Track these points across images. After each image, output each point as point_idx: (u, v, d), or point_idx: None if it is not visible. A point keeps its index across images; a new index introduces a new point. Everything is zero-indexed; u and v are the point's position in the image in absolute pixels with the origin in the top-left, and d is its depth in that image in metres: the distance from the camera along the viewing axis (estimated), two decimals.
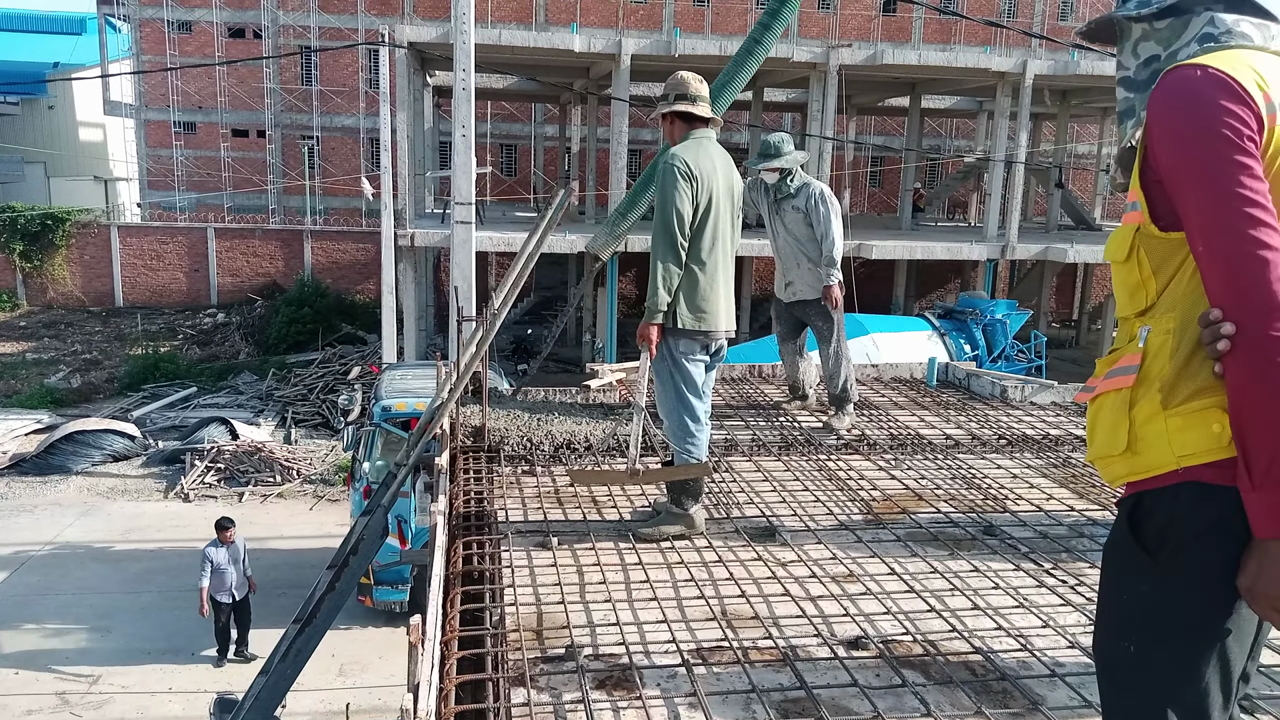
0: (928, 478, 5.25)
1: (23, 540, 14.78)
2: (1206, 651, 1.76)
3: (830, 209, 5.95)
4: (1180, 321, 1.76)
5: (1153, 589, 1.80)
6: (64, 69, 43.08)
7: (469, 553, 3.90)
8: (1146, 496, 1.81)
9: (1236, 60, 1.74)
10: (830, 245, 5.92)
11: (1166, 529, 1.77)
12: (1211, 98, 1.70)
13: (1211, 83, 1.71)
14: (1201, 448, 1.72)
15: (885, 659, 3.15)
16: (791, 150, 6.02)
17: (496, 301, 5.07)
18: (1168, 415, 1.76)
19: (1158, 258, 1.81)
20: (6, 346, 28.49)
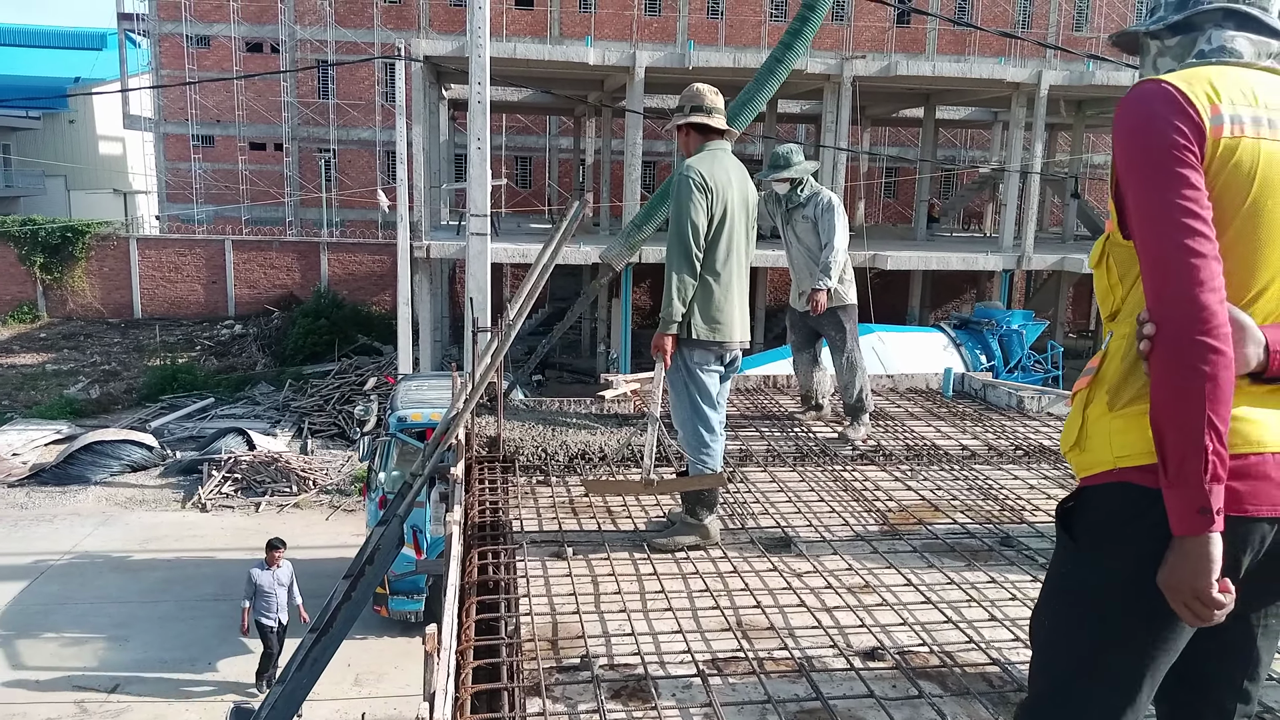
0: (944, 488, 5.23)
1: (42, 550, 14.89)
2: (1108, 641, 1.80)
3: (837, 217, 5.97)
4: (1134, 327, 1.81)
5: (1085, 584, 1.87)
6: (84, 84, 43.60)
7: (484, 562, 3.91)
8: (1085, 491, 1.89)
9: (1196, 76, 1.78)
10: (829, 251, 5.93)
11: (1096, 524, 1.83)
12: (1155, 112, 1.75)
13: (1159, 97, 1.76)
14: (1137, 450, 1.78)
15: (902, 670, 3.14)
16: (801, 160, 6.05)
17: (511, 312, 5.10)
18: (1112, 416, 1.82)
19: (1124, 265, 1.87)
20: (27, 358, 28.76)
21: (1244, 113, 1.74)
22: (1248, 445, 1.73)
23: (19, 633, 12.13)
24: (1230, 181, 1.73)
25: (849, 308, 6.16)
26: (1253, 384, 1.73)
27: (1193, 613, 1.68)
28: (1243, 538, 1.73)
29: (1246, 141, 1.72)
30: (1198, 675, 1.89)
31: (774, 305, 31.59)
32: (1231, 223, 1.74)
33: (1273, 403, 1.75)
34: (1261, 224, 1.74)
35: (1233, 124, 1.73)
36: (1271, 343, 1.72)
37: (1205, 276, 1.66)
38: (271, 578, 10.57)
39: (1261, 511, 1.71)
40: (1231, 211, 1.74)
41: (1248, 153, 1.72)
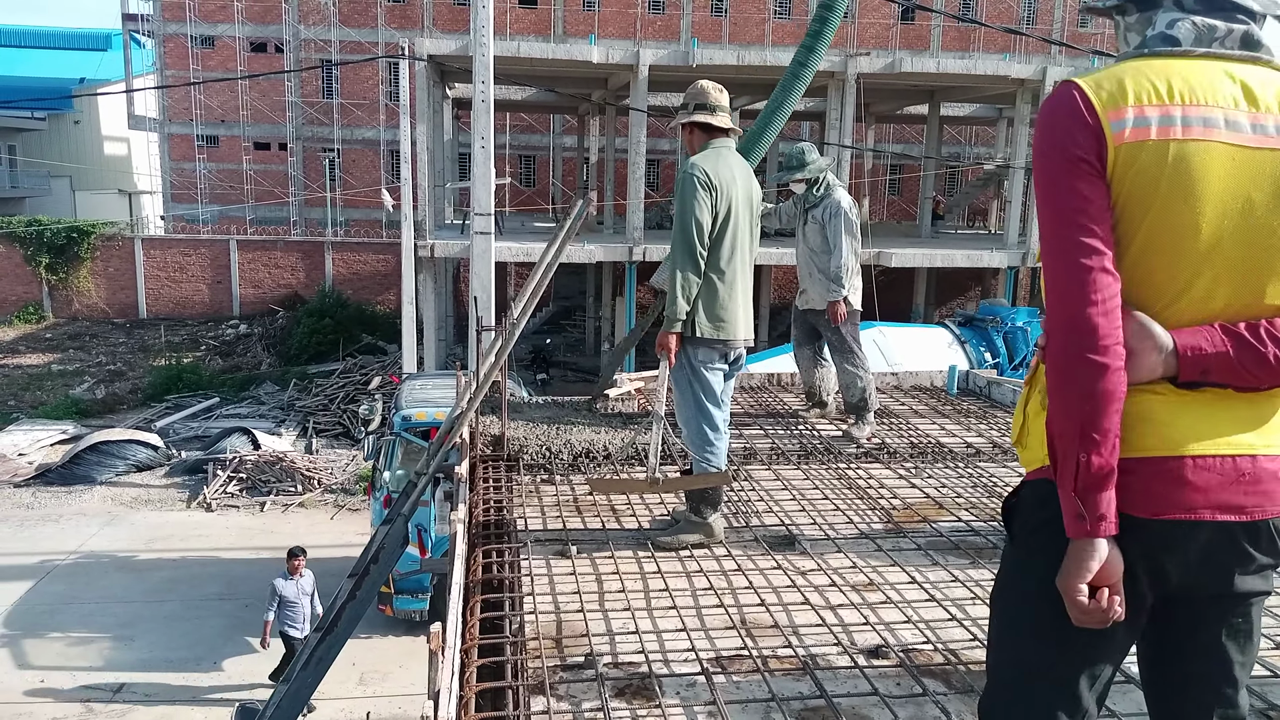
0: (949, 486, 5.22)
1: (48, 549, 14.93)
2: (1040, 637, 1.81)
3: (844, 223, 5.92)
4: None
5: (1010, 571, 1.94)
6: (89, 84, 43.71)
7: (488, 561, 3.91)
8: (1023, 486, 1.91)
9: (1110, 75, 1.74)
10: (835, 259, 5.90)
11: (1029, 519, 1.86)
12: (1056, 120, 1.74)
13: (1062, 103, 1.74)
14: None
15: (906, 668, 3.13)
16: (815, 159, 6.01)
17: (516, 311, 5.09)
18: (1044, 415, 1.81)
19: None
20: (33, 358, 28.84)
21: (1153, 113, 1.68)
22: (1164, 448, 1.71)
23: (25, 632, 12.17)
24: (1135, 187, 1.69)
25: (851, 313, 6.13)
26: (1175, 388, 1.72)
27: (1071, 614, 1.70)
28: (1162, 540, 1.72)
29: (1152, 145, 1.67)
30: (1179, 678, 1.87)
31: (778, 303, 31.58)
32: (1140, 228, 1.70)
33: (1197, 405, 1.73)
34: (1173, 226, 1.69)
35: (1137, 127, 1.68)
36: (1182, 348, 1.69)
37: (1090, 291, 1.67)
38: (296, 587, 10.36)
39: (1176, 514, 1.70)
40: (1139, 216, 1.70)
41: (1154, 156, 1.67)
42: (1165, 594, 1.79)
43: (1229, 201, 1.68)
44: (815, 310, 6.19)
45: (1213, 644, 1.81)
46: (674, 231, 4.11)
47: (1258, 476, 1.72)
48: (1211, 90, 1.70)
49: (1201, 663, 1.82)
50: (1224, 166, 1.67)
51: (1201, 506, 1.70)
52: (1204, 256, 1.70)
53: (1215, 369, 1.69)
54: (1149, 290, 1.73)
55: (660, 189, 36.36)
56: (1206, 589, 1.77)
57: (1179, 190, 1.67)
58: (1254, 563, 1.74)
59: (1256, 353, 1.69)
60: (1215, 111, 1.68)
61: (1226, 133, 1.67)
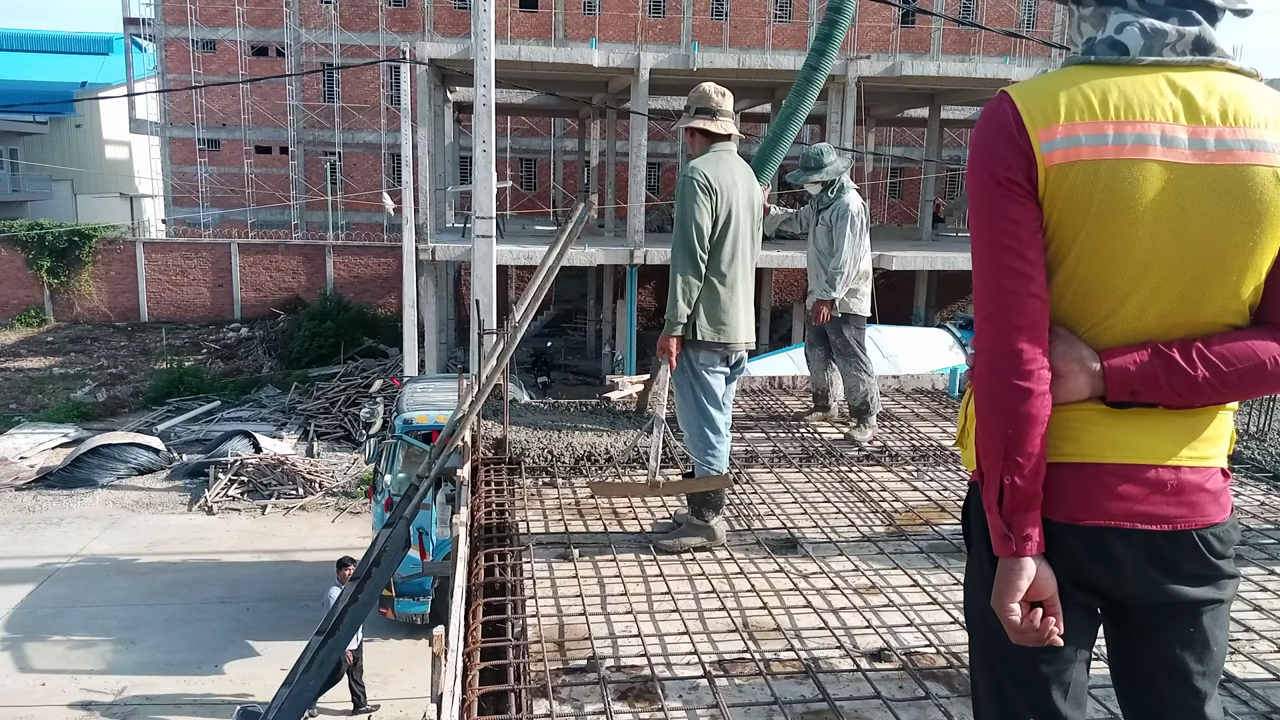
0: (950, 489, 5.22)
1: (50, 552, 14.94)
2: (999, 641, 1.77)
3: (850, 225, 5.92)
4: None
5: (968, 577, 1.93)
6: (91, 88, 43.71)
7: (491, 564, 3.91)
8: (970, 488, 1.89)
9: (1045, 90, 1.69)
10: (834, 261, 5.91)
11: (972, 523, 1.85)
12: (987, 137, 1.71)
13: (994, 120, 1.71)
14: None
15: (909, 671, 3.13)
16: (834, 160, 6.02)
17: (517, 314, 5.10)
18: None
19: None
20: (34, 361, 28.86)
21: (1084, 131, 1.64)
22: (1085, 454, 1.71)
23: (27, 635, 12.18)
24: (1066, 207, 1.66)
25: (854, 318, 6.12)
26: (1108, 408, 1.71)
27: (1009, 633, 1.69)
28: (1084, 547, 1.71)
29: (1083, 165, 1.63)
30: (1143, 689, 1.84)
31: (778, 306, 31.59)
32: (1072, 248, 1.68)
33: (1124, 419, 1.71)
34: (1105, 246, 1.66)
35: (1068, 147, 1.64)
36: (1109, 370, 1.68)
37: (1014, 317, 1.66)
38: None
39: (1096, 521, 1.69)
40: (1071, 237, 1.67)
41: (1085, 176, 1.63)
42: (1109, 602, 1.78)
43: (1163, 220, 1.64)
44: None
45: (1169, 655, 1.78)
46: (674, 235, 4.12)
47: (1181, 487, 1.70)
48: (1149, 105, 1.65)
49: (1161, 674, 1.79)
50: (1158, 185, 1.64)
51: (1121, 516, 1.69)
52: (1137, 276, 1.67)
53: (1144, 390, 1.68)
54: (1080, 309, 1.71)
55: (661, 192, 36.37)
56: (1142, 599, 1.75)
57: (1111, 210, 1.65)
58: (1183, 573, 1.71)
59: (1186, 376, 1.67)
60: (1151, 128, 1.64)
61: (1161, 150, 1.63)
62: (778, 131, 6.22)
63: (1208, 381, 1.67)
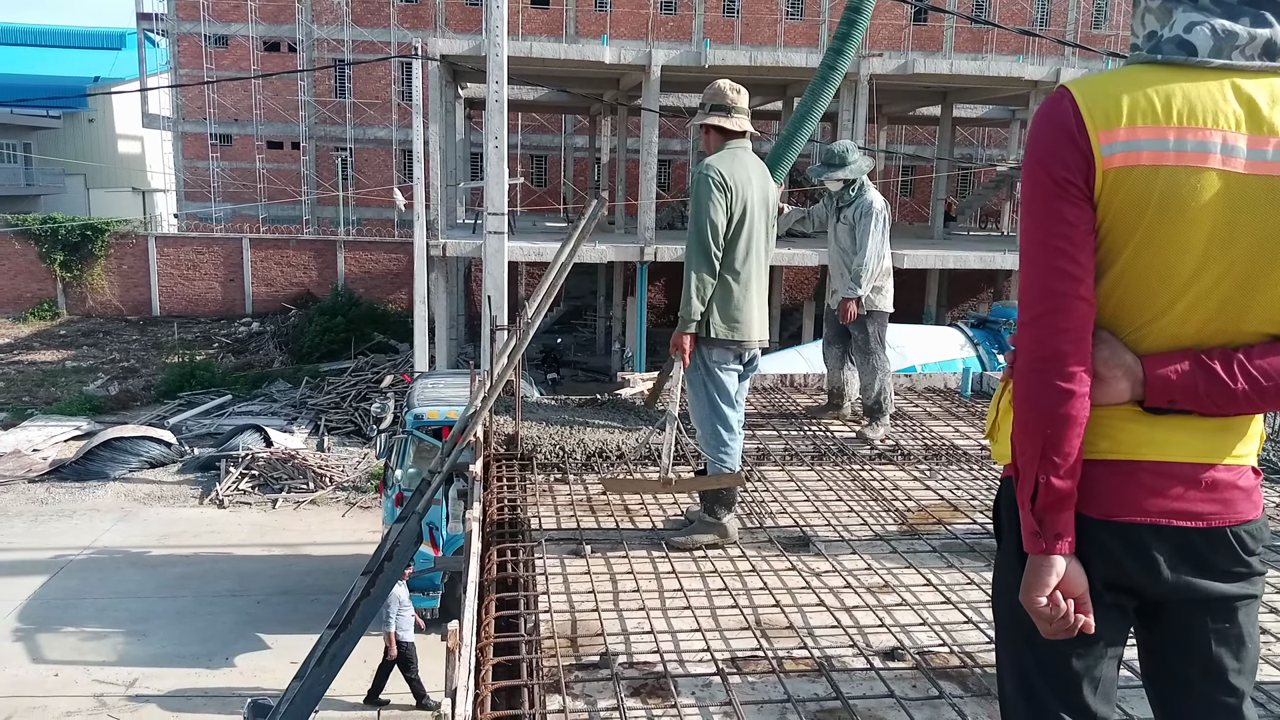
0: (963, 488, 5.21)
1: (62, 545, 15.03)
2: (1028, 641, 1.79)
3: (874, 223, 5.92)
4: None
5: (999, 571, 1.93)
6: (104, 83, 43.90)
7: (503, 560, 3.92)
8: (1001, 484, 1.90)
9: (1107, 91, 1.66)
10: (859, 259, 5.90)
11: (1004, 518, 1.86)
12: (1046, 135, 1.69)
13: (1055, 118, 1.68)
14: None
15: (922, 670, 3.13)
16: (857, 159, 6.01)
17: (530, 311, 5.10)
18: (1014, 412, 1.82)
19: None
20: (47, 355, 29.02)
21: (1145, 136, 1.62)
22: (1121, 452, 1.71)
23: (39, 626, 12.25)
24: (1121, 212, 1.65)
25: (878, 314, 6.12)
26: (1145, 412, 1.71)
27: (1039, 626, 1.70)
28: (1119, 543, 1.71)
29: (1141, 171, 1.62)
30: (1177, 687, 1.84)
31: (788, 303, 31.53)
32: (1123, 252, 1.68)
33: (1166, 424, 1.71)
34: (1157, 253, 1.66)
35: (1128, 151, 1.62)
36: (1150, 377, 1.68)
37: (1060, 318, 1.66)
38: (406, 591, 10.16)
39: (1130, 517, 1.70)
40: (1123, 242, 1.67)
41: (1143, 181, 1.62)
42: (1142, 600, 1.78)
43: (1215, 229, 1.64)
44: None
45: (1205, 653, 1.78)
46: (689, 232, 4.11)
47: (1215, 484, 1.70)
48: (1213, 112, 1.63)
49: (1198, 673, 1.79)
50: (1213, 193, 1.62)
51: (1157, 513, 1.69)
52: (1184, 283, 1.67)
53: (1182, 399, 1.68)
54: (1124, 313, 1.71)
55: (672, 189, 36.33)
56: (1175, 596, 1.75)
57: (1165, 217, 1.64)
58: (1216, 570, 1.72)
59: (1226, 388, 1.67)
60: (1213, 135, 1.62)
61: (1221, 158, 1.62)
62: (793, 129, 6.21)
63: (1245, 394, 1.68)
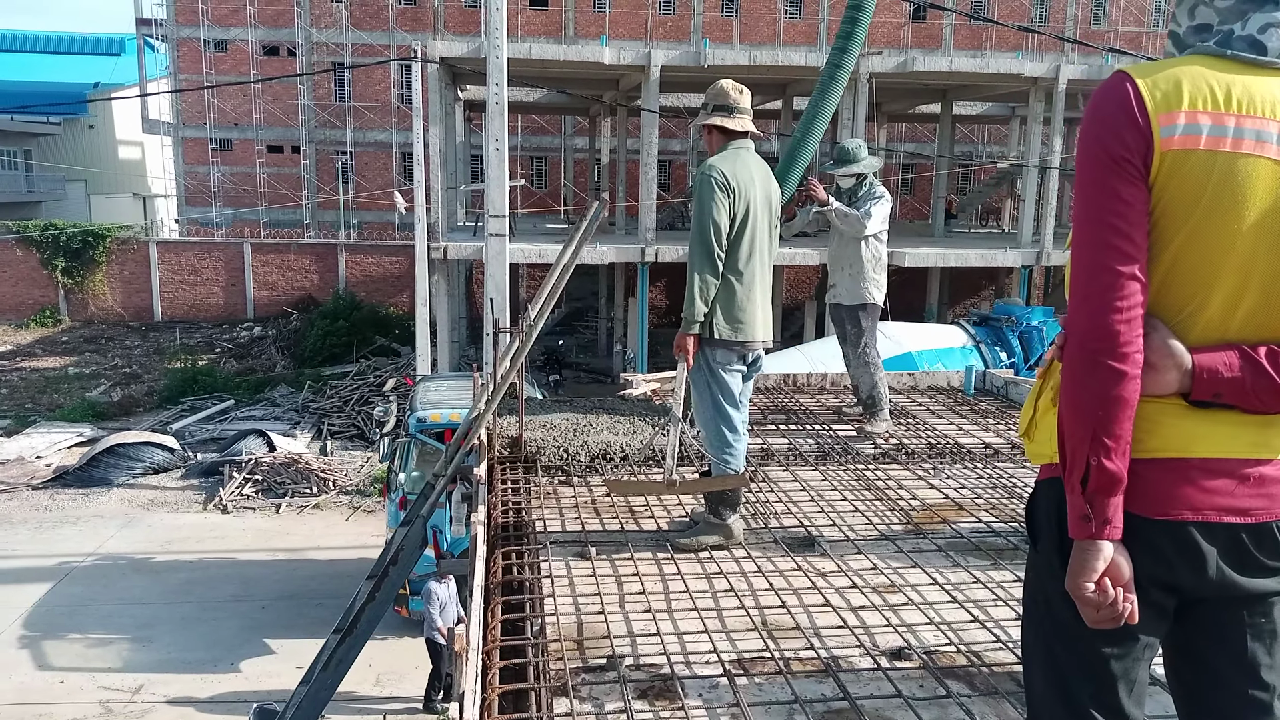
0: (968, 487, 5.20)
1: (66, 551, 15.03)
2: (1071, 645, 1.79)
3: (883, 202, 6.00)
4: None
5: (1034, 573, 1.91)
6: (104, 89, 43.96)
7: (508, 563, 3.92)
8: (1038, 485, 1.89)
9: (1168, 75, 1.67)
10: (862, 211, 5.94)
11: (1043, 519, 1.84)
12: (1105, 114, 1.68)
13: (1114, 97, 1.68)
14: None
15: (929, 669, 3.12)
16: (866, 156, 6.10)
17: (533, 313, 5.10)
18: (1056, 410, 1.80)
19: None
20: (49, 361, 29.03)
21: (1205, 121, 1.63)
22: (1170, 449, 1.71)
23: (45, 633, 12.26)
24: (1177, 195, 1.65)
25: (870, 307, 6.13)
26: (1190, 405, 1.71)
27: (1084, 615, 1.70)
28: (1168, 541, 1.71)
29: (1200, 154, 1.63)
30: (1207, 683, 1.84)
31: (790, 303, 31.53)
32: (1175, 237, 1.67)
33: (1206, 414, 1.72)
34: (1209, 240, 1.66)
35: (1187, 134, 1.63)
36: (1198, 369, 1.68)
37: (1115, 298, 1.65)
38: (448, 591, 10.01)
39: (1181, 515, 1.70)
40: (1176, 225, 1.67)
41: (1200, 166, 1.63)
42: (1182, 598, 1.78)
43: (1266, 219, 1.65)
44: (840, 305, 6.21)
45: (1238, 647, 1.79)
46: (692, 233, 4.11)
47: (1263, 479, 1.71)
48: (1272, 104, 1.65)
49: (1229, 667, 1.80)
50: (1269, 183, 1.64)
51: (1206, 508, 1.70)
52: (1231, 273, 1.68)
53: (1228, 393, 1.69)
54: (1170, 301, 1.71)
55: (672, 190, 36.33)
56: (1218, 591, 1.75)
57: (1220, 204, 1.64)
58: (1257, 565, 1.73)
59: (1272, 383, 1.67)
60: (1271, 125, 1.64)
61: (1278, 148, 1.63)
62: (803, 131, 6.20)
63: None
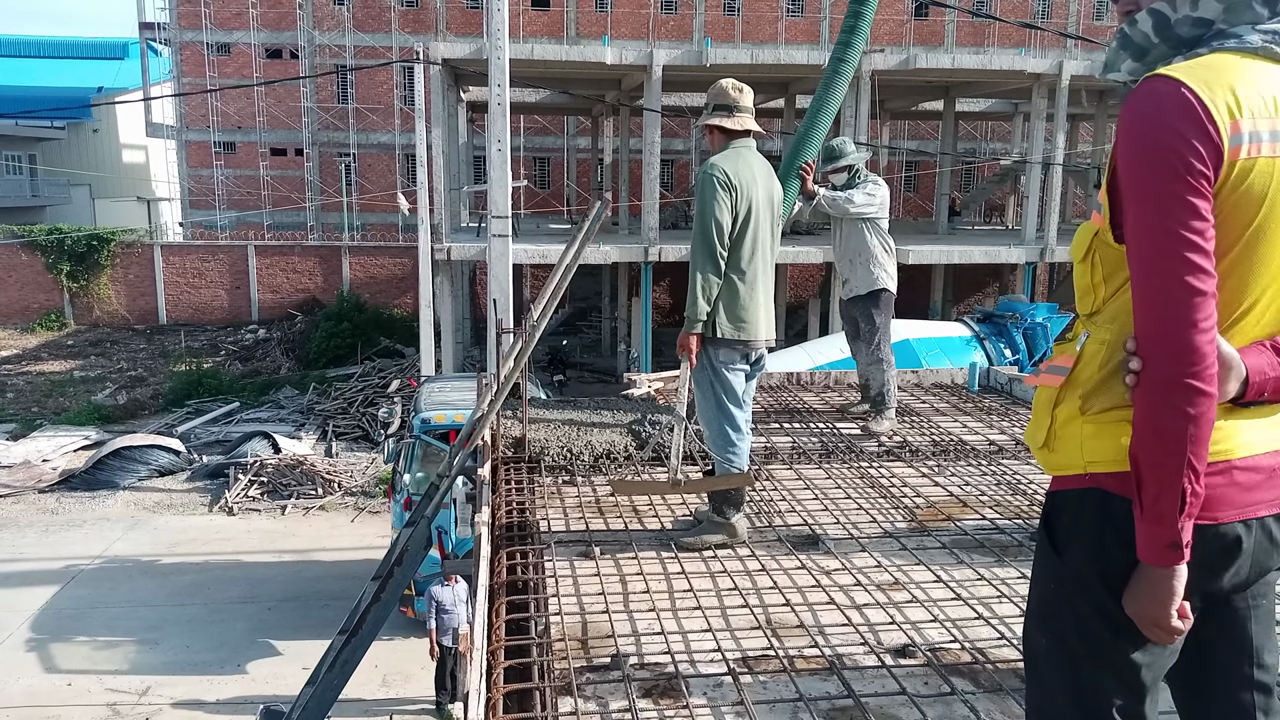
0: (972, 484, 5.20)
1: (73, 554, 15.08)
2: (1097, 656, 1.78)
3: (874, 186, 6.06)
4: (1116, 334, 1.76)
5: (1059, 587, 1.85)
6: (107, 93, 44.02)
7: (513, 563, 3.93)
8: (1058, 495, 1.86)
9: (1217, 79, 1.64)
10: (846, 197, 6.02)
11: (1071, 530, 1.81)
12: (1171, 125, 1.61)
13: (1177, 107, 1.61)
14: (1109, 456, 1.75)
15: (934, 667, 3.12)
16: (852, 150, 6.24)
17: (536, 313, 5.11)
18: (1084, 420, 1.78)
19: (1109, 266, 1.78)
20: (55, 365, 29.11)
21: (1263, 127, 1.62)
22: (1220, 453, 1.71)
23: (52, 636, 12.29)
24: (1239, 205, 1.64)
25: (885, 295, 6.13)
26: (1230, 407, 1.72)
27: (1153, 635, 1.71)
28: (1218, 544, 1.73)
29: (1262, 162, 1.62)
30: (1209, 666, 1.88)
31: (793, 301, 31.52)
32: (1234, 246, 1.66)
33: (1248, 418, 1.74)
34: (1260, 246, 1.66)
35: (1251, 143, 1.61)
36: (1251, 373, 1.70)
37: (1199, 317, 1.61)
38: (452, 594, 9.99)
39: (1231, 516, 1.72)
40: (1236, 235, 1.66)
41: (1261, 174, 1.62)
42: (1212, 599, 1.81)
43: None
44: (856, 298, 6.20)
45: (1240, 631, 1.83)
46: (694, 232, 4.11)
47: None
48: None
49: (1230, 652, 1.84)
50: None
51: (1248, 504, 1.72)
52: (1269, 281, 1.70)
53: (1271, 391, 1.71)
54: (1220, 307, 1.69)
55: (675, 189, 36.34)
56: (1244, 586, 1.80)
57: (1275, 212, 1.65)
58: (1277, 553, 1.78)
59: None
60: None
61: None
62: (807, 128, 6.21)
63: None
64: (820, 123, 6.16)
